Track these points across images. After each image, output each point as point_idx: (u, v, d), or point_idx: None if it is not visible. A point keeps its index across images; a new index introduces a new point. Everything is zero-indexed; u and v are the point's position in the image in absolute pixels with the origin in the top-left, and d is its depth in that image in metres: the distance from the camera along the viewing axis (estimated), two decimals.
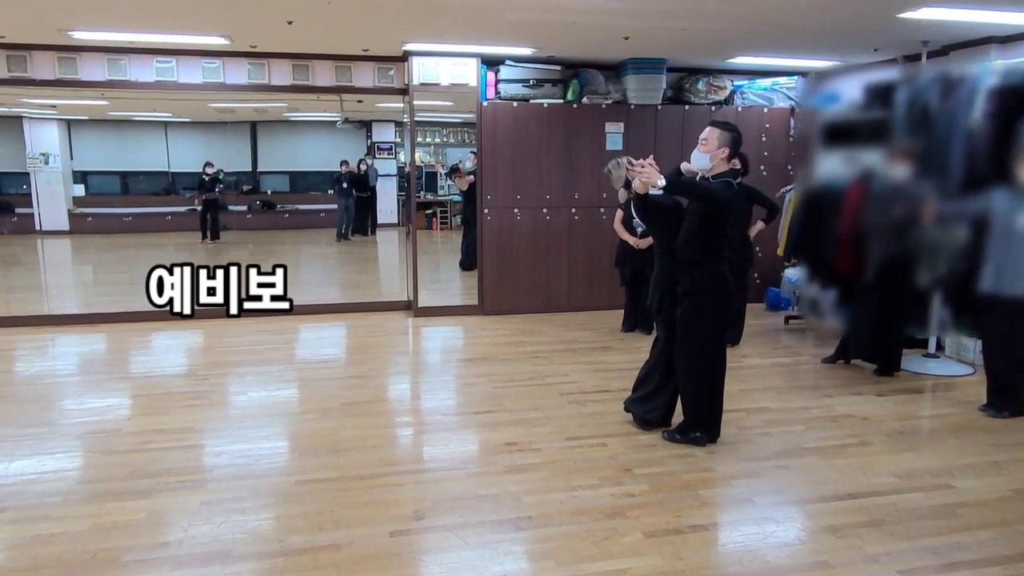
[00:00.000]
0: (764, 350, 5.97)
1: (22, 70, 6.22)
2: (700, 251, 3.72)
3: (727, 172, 3.78)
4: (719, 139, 3.73)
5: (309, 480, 3.43)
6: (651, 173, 3.54)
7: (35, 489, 3.33)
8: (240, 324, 6.48)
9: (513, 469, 3.57)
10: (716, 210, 3.70)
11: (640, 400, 4.16)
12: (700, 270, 3.72)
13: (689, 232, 3.75)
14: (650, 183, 3.55)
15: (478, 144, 7.05)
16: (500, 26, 5.63)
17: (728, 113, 7.38)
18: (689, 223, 3.76)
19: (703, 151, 3.77)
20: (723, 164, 3.76)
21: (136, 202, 14.90)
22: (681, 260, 3.78)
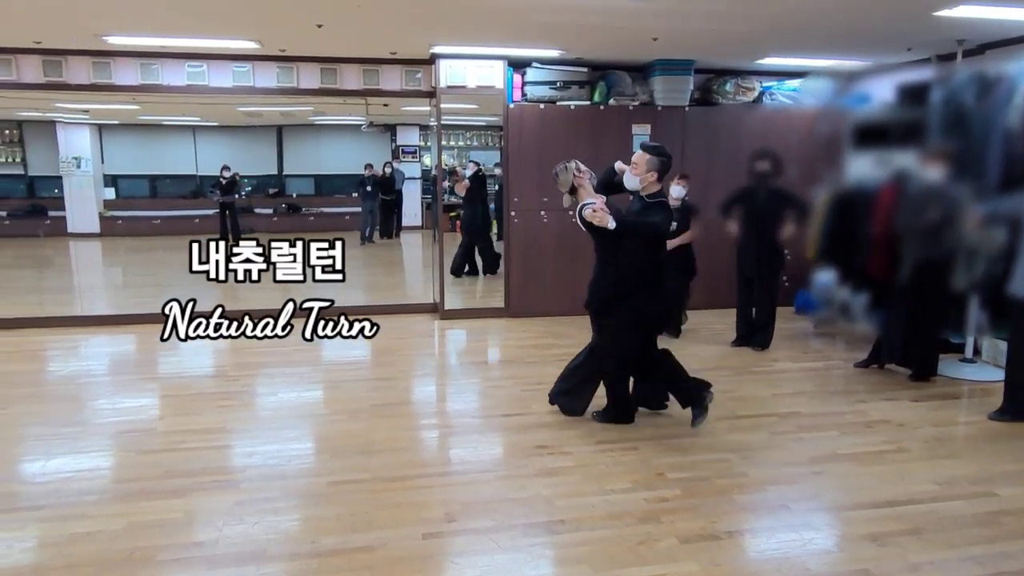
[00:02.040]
0: (794, 354, 5.89)
1: (58, 75, 6.33)
2: (644, 269, 4.00)
3: (658, 192, 3.96)
4: (647, 163, 3.90)
5: (340, 481, 3.44)
6: (603, 217, 3.70)
7: (71, 487, 3.37)
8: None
9: (544, 472, 3.54)
10: (658, 238, 4.02)
11: (565, 392, 4.35)
12: (641, 282, 4.00)
13: (632, 256, 3.99)
14: (602, 225, 3.73)
15: (504, 146, 7.04)
16: (528, 28, 5.63)
17: (757, 115, 7.31)
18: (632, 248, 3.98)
19: (633, 174, 3.95)
20: (653, 185, 3.94)
21: (165, 205, 15.09)
22: (625, 273, 4.01)
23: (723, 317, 6.73)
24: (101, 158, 15.06)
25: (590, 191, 4.24)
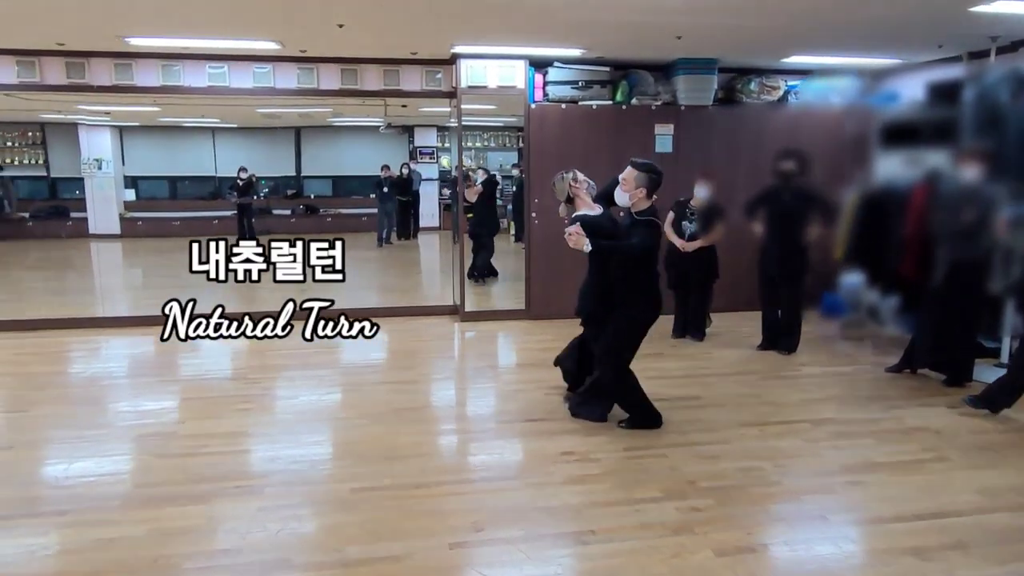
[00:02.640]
0: (822, 358, 5.77)
1: (80, 76, 6.34)
2: (635, 279, 4.00)
3: (647, 209, 3.93)
4: (636, 179, 3.89)
5: (364, 488, 3.38)
6: (577, 240, 3.78)
7: (94, 492, 3.33)
8: None
9: (571, 480, 3.46)
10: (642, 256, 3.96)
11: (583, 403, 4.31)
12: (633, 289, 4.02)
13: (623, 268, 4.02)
14: (577, 248, 3.82)
15: (525, 147, 6.96)
16: (552, 26, 5.55)
17: (781, 114, 7.18)
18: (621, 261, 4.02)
19: (623, 190, 3.96)
20: (643, 202, 3.93)
21: (184, 206, 15.18)
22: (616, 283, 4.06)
23: (748, 320, 6.62)
24: (122, 160, 15.18)
25: (587, 202, 4.29)
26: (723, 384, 5.04)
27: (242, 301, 4.92)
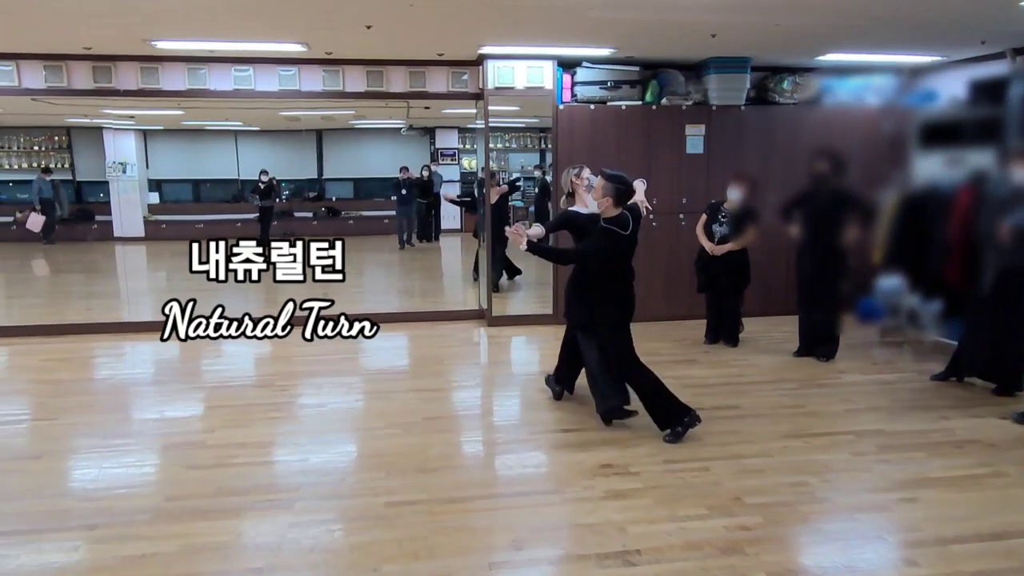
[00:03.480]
0: (862, 365, 5.59)
1: (107, 80, 6.32)
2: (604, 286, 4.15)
3: (614, 218, 4.01)
4: (603, 189, 4.00)
5: (398, 502, 3.27)
6: (516, 239, 4.00)
7: (123, 505, 3.26)
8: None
9: (612, 494, 3.34)
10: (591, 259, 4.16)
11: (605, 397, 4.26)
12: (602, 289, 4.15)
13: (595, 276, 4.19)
14: (516, 245, 4.00)
15: (553, 149, 6.84)
16: (582, 26, 5.43)
17: (816, 114, 7.00)
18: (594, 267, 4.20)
19: (594, 198, 4.13)
20: (611, 210, 4.02)
21: (207, 209, 15.23)
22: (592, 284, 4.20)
23: (781, 325, 6.46)
24: (146, 163, 15.28)
25: (584, 199, 4.43)
26: (761, 393, 4.88)
27: (269, 304, 4.84)
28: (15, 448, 4.04)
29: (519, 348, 6.39)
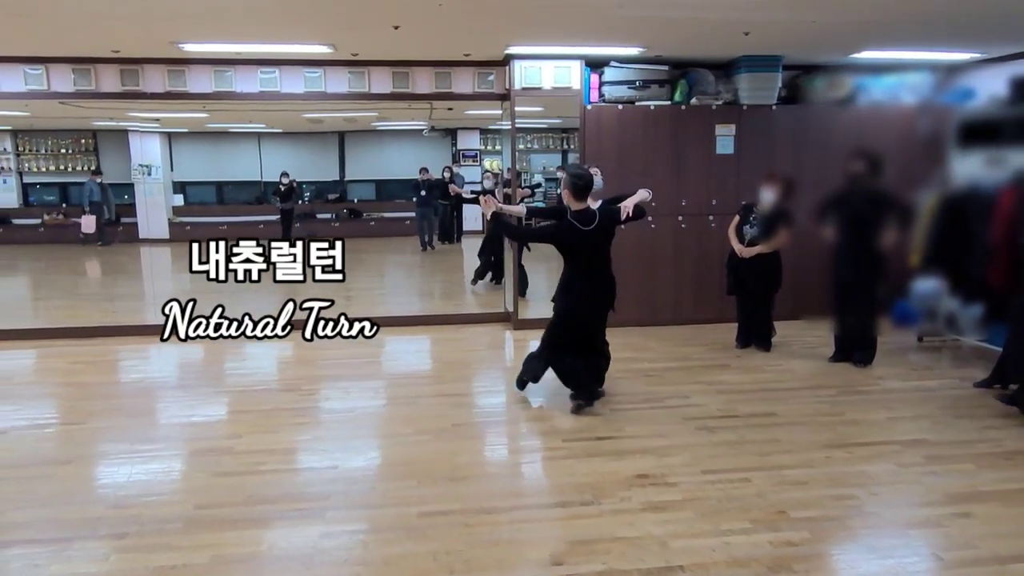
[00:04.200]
0: (901, 371, 5.43)
1: (135, 83, 6.32)
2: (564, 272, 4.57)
3: (579, 212, 4.39)
4: (564, 183, 4.47)
5: (431, 512, 3.19)
6: (486, 207, 4.56)
7: (153, 513, 3.21)
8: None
9: (651, 506, 3.23)
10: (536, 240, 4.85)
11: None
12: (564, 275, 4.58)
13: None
14: (485, 210, 4.59)
15: (580, 149, 6.74)
16: (611, 24, 5.33)
17: (850, 113, 6.84)
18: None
19: (562, 193, 4.56)
20: (573, 203, 4.41)
21: (230, 211, 15.30)
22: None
23: (814, 329, 6.31)
24: (171, 165, 15.39)
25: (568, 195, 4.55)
26: (798, 400, 4.75)
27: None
28: (45, 453, 4.02)
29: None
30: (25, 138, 14.71)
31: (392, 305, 8.65)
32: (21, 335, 6.61)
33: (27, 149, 14.80)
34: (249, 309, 4.67)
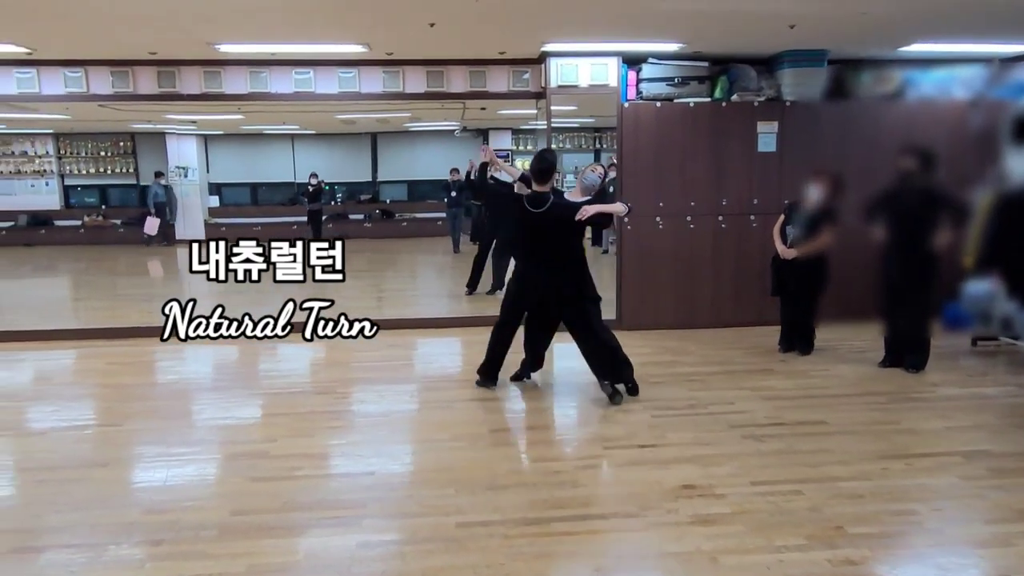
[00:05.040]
0: (957, 377, 5.19)
1: (171, 85, 6.35)
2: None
3: (537, 193, 4.58)
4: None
5: (470, 523, 3.09)
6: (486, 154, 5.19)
7: (189, 519, 3.17)
8: None
9: (699, 520, 3.09)
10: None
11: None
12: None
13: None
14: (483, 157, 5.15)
15: (618, 148, 6.60)
16: (650, 19, 5.20)
17: (898, 108, 6.60)
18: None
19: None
20: (536, 184, 4.60)
21: (264, 212, 15.45)
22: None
23: (860, 332, 6.08)
24: (207, 167, 15.58)
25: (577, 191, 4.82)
26: (848, 407, 4.56)
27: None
28: (83, 455, 4.01)
29: (582, 355, 6.13)
30: (66, 141, 15.00)
31: (424, 307, 8.59)
32: (61, 335, 6.68)
33: (68, 152, 15.10)
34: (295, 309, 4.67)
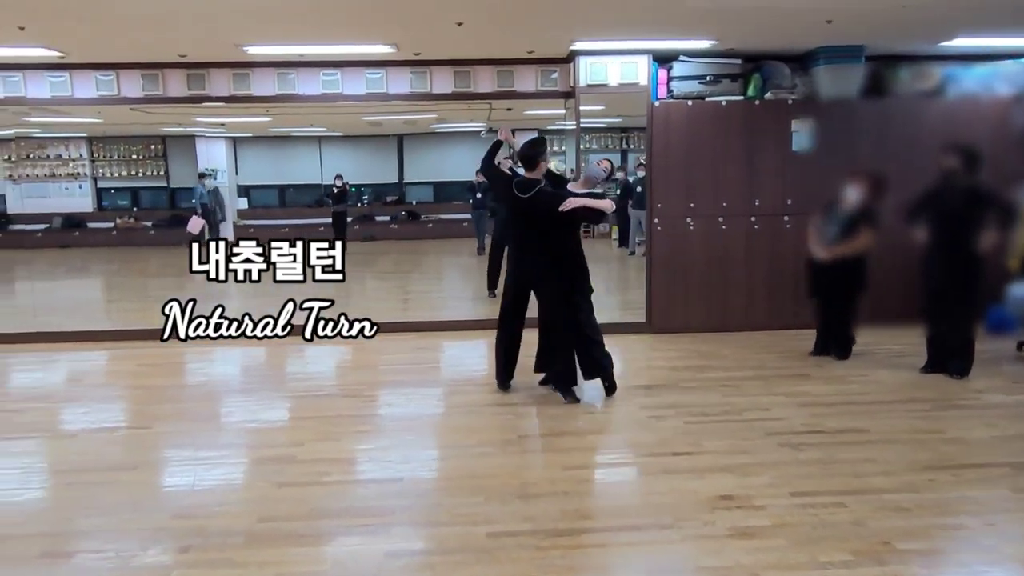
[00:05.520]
0: (1001, 384, 5.00)
1: (200, 87, 6.38)
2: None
3: (527, 179, 4.61)
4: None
5: (500, 533, 3.02)
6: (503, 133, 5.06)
7: (217, 525, 3.13)
8: (394, 339, 6.31)
9: (738, 532, 2.98)
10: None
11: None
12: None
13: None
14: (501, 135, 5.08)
15: (647, 148, 6.49)
16: (682, 16, 5.10)
17: (939, 106, 6.39)
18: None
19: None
20: (529, 171, 4.65)
21: (292, 214, 15.55)
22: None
23: (899, 337, 5.90)
24: (235, 169, 15.72)
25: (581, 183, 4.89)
26: (890, 414, 4.40)
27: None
28: (112, 458, 4.01)
29: (613, 359, 6.02)
30: (99, 144, 15.24)
31: (450, 309, 8.54)
32: (94, 336, 6.73)
33: (101, 155, 15.35)
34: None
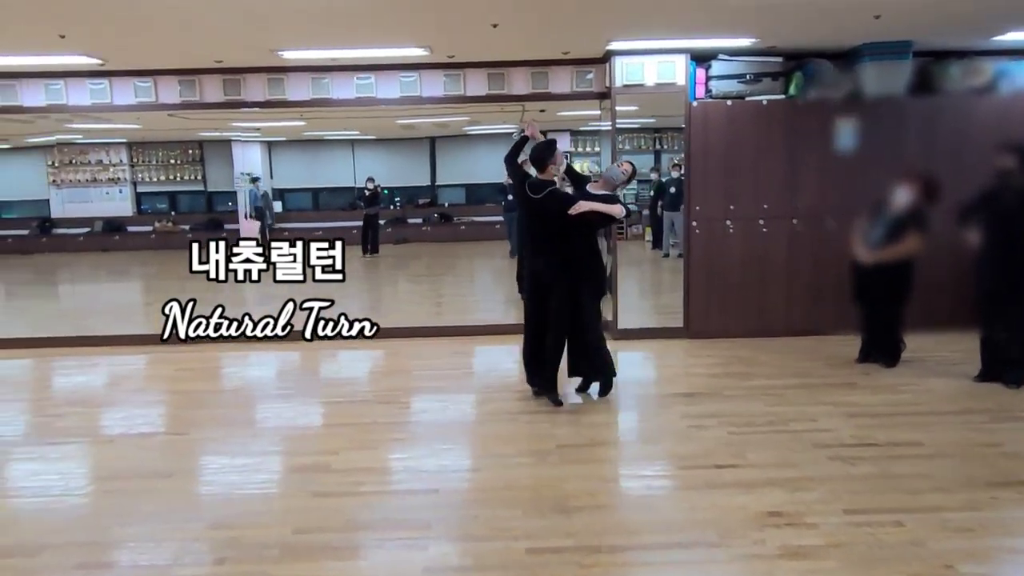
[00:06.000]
0: None
1: (236, 93, 6.42)
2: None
3: (539, 180, 4.61)
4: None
5: (540, 548, 2.93)
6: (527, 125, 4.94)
7: (252, 537, 3.10)
8: (428, 344, 6.27)
9: (789, 552, 2.85)
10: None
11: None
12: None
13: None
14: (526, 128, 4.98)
15: (686, 148, 6.34)
16: (720, 14, 4.97)
17: (991, 103, 6.14)
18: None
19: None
20: (541, 172, 4.65)
21: (326, 216, 15.66)
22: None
23: (950, 344, 5.69)
24: (270, 173, 15.89)
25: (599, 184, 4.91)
26: (944, 426, 4.21)
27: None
28: (149, 464, 4.01)
29: (650, 365, 5.92)
30: (138, 150, 15.54)
31: (483, 312, 8.47)
32: (133, 340, 6.79)
33: (140, 160, 15.65)
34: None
